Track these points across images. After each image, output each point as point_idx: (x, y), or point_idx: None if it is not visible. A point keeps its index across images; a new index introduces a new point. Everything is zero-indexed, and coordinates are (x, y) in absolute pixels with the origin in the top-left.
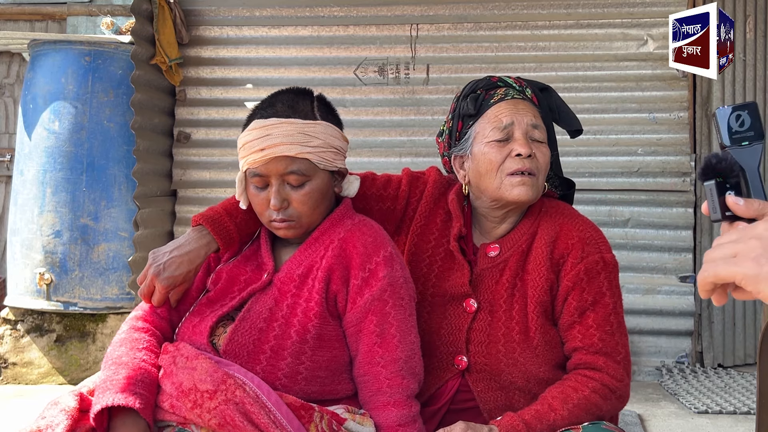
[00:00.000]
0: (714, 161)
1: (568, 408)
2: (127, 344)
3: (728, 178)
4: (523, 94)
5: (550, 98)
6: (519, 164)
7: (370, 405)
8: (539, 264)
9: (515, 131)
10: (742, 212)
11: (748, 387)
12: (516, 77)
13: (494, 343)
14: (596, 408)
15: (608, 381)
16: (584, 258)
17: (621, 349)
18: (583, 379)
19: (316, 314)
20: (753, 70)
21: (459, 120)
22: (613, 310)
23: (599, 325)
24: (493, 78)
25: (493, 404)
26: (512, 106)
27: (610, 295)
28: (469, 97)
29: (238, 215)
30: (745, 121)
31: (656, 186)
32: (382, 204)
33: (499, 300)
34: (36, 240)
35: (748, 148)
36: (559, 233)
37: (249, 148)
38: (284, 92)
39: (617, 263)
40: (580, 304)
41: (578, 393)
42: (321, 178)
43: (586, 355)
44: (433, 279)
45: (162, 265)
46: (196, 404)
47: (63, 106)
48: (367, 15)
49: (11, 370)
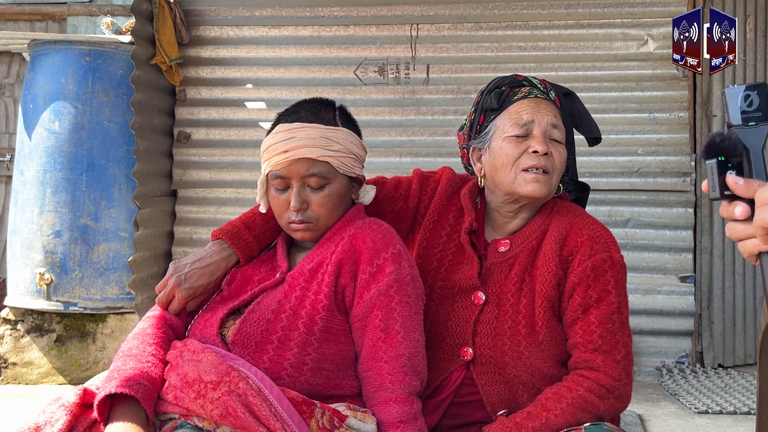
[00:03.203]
0: (718, 140)
1: (561, 407)
2: (139, 338)
3: (731, 157)
4: (547, 95)
5: (573, 103)
6: (535, 161)
7: (373, 401)
8: (548, 260)
9: (534, 129)
10: (741, 192)
11: (748, 387)
12: (541, 79)
13: (500, 336)
14: (592, 407)
15: (604, 380)
16: (592, 255)
17: (621, 348)
18: (578, 378)
19: (324, 307)
20: (753, 70)
21: (481, 114)
22: (617, 309)
23: (601, 322)
24: (519, 77)
25: (496, 398)
26: (534, 105)
27: (615, 294)
28: (493, 92)
29: (256, 228)
30: (754, 101)
31: (656, 186)
32: (394, 205)
33: (506, 294)
34: (36, 240)
35: (755, 128)
36: (569, 231)
37: (273, 151)
38: (308, 101)
39: (625, 265)
40: (585, 301)
41: (572, 392)
42: (340, 182)
43: (585, 353)
44: (443, 272)
45: (183, 276)
46: (199, 395)
47: (63, 106)
48: (367, 15)
49: (11, 370)
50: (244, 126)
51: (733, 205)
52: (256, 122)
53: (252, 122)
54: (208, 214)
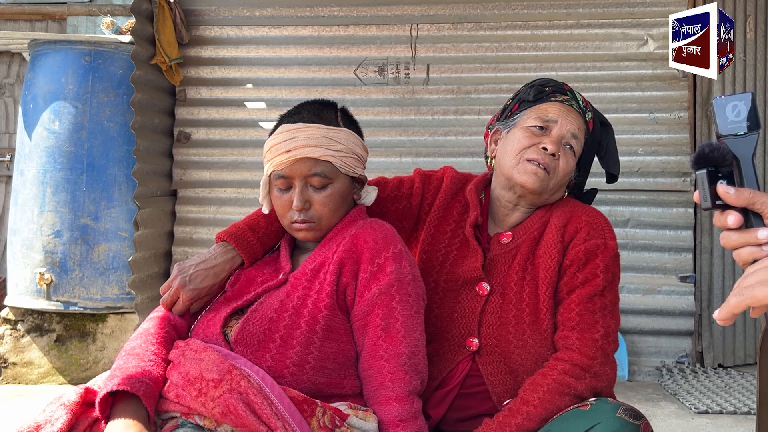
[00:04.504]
0: (707, 150)
1: (538, 396)
2: (142, 338)
3: (720, 167)
4: (583, 112)
5: (606, 135)
6: (540, 155)
7: (373, 400)
8: (551, 247)
9: (554, 129)
10: (732, 201)
11: (748, 387)
12: (586, 99)
13: (505, 325)
14: (569, 388)
15: (578, 359)
16: (587, 240)
17: (600, 329)
18: (552, 362)
19: (327, 305)
20: (753, 70)
21: (516, 102)
22: (601, 291)
23: (581, 301)
24: (565, 86)
25: (501, 387)
26: (565, 110)
27: (602, 278)
28: (535, 87)
29: (260, 230)
30: (741, 111)
31: (656, 186)
32: (397, 204)
33: (510, 283)
34: (36, 240)
35: (743, 138)
36: (570, 218)
37: (275, 151)
38: (310, 102)
39: (618, 253)
40: (572, 282)
41: (547, 378)
42: (342, 182)
43: (562, 331)
44: (447, 266)
45: (188, 277)
46: (201, 392)
47: (63, 106)
48: (367, 15)
49: (11, 370)
50: (244, 126)
51: (725, 215)
52: (256, 122)
53: (252, 122)
54: (208, 214)
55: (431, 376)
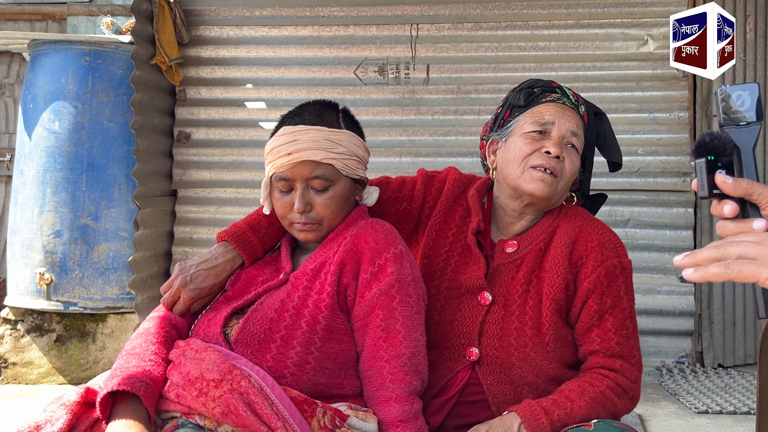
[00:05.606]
0: (707, 139)
1: (584, 400)
2: (142, 338)
3: (720, 156)
4: (576, 107)
5: (601, 124)
6: (545, 160)
7: (373, 400)
8: (557, 263)
9: (553, 131)
10: (729, 191)
11: (748, 387)
12: (576, 92)
13: (506, 337)
14: (611, 404)
15: (623, 381)
16: (604, 261)
17: (635, 353)
18: (599, 376)
19: (327, 306)
20: (753, 70)
21: (507, 109)
22: (630, 314)
23: (617, 329)
24: (553, 83)
25: (501, 398)
26: (559, 110)
27: (627, 299)
28: (524, 91)
29: (261, 230)
30: (746, 101)
31: (656, 186)
32: (398, 206)
33: (513, 295)
34: (36, 240)
35: (746, 128)
36: (578, 235)
37: (276, 153)
38: (311, 103)
39: (632, 268)
40: (600, 308)
41: (594, 388)
42: (343, 184)
43: (603, 358)
44: (449, 273)
45: (189, 277)
46: (201, 392)
47: (63, 106)
48: (367, 15)
49: (11, 370)
50: (244, 126)
51: (721, 204)
52: (256, 122)
53: (252, 122)
54: (208, 214)
55: (430, 383)
